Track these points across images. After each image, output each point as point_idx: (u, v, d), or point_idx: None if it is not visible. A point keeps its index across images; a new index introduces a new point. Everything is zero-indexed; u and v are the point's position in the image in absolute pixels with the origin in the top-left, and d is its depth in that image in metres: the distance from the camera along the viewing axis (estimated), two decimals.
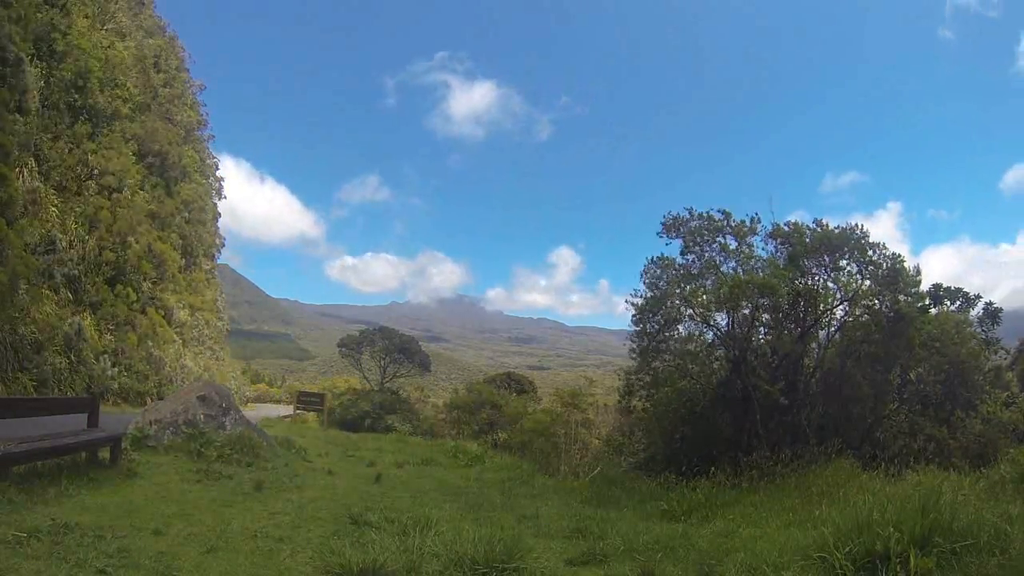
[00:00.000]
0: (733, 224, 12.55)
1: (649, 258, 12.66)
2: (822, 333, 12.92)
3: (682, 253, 12.48)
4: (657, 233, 12.72)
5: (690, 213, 12.59)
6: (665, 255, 12.63)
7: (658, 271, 12.44)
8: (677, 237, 12.49)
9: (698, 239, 12.33)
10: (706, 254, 12.35)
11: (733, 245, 12.57)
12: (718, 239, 12.40)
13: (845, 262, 12.04)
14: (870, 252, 11.95)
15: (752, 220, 12.82)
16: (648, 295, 12.39)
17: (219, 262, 43.08)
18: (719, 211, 12.67)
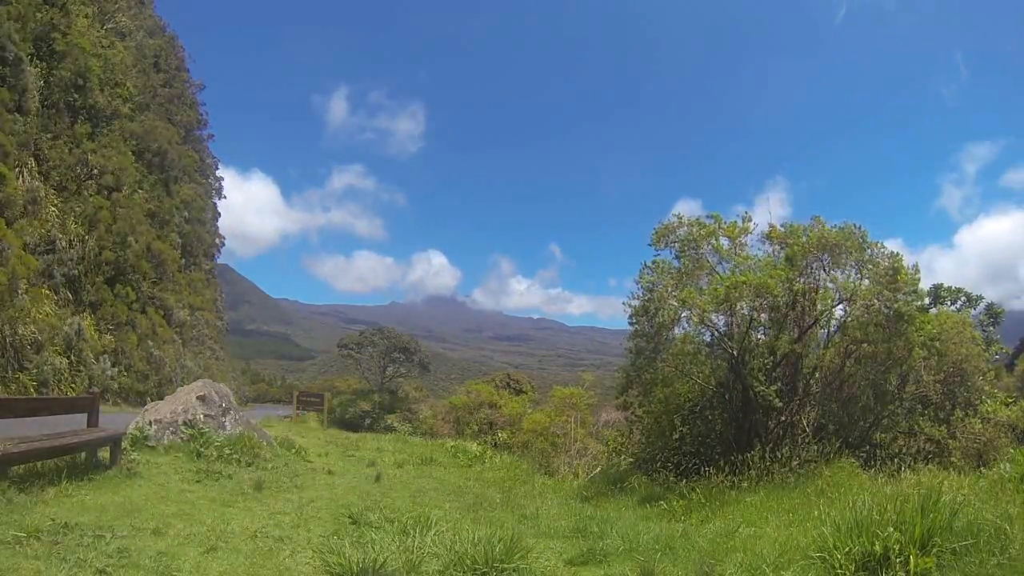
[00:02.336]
0: (724, 226, 12.56)
1: (643, 263, 12.68)
2: (821, 333, 12.89)
3: (676, 258, 12.48)
4: (647, 244, 12.71)
5: (679, 220, 12.60)
6: (659, 257, 12.64)
7: (653, 275, 12.42)
8: (668, 247, 12.48)
9: (690, 244, 12.33)
10: (699, 257, 12.33)
11: (727, 246, 12.56)
12: (711, 241, 12.39)
13: (843, 261, 12.00)
14: (868, 251, 11.89)
15: (743, 219, 12.81)
16: (644, 297, 12.37)
17: (218, 262, 43.16)
18: (708, 216, 12.73)
